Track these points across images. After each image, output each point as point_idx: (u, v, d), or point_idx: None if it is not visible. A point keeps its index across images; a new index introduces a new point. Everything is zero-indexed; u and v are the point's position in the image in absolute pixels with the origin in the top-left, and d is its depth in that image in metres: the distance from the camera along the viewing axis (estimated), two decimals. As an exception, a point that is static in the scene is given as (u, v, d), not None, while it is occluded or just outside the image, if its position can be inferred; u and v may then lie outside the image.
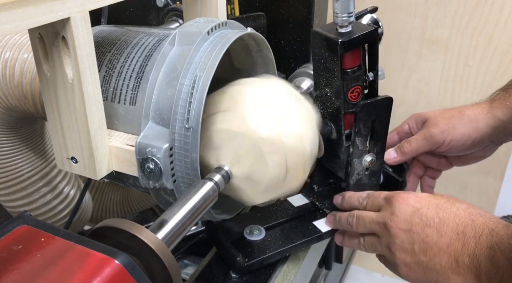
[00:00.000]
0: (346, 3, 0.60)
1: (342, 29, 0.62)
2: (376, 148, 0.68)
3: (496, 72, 1.23)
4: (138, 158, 0.54)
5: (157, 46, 0.57)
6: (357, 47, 0.63)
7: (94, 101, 0.52)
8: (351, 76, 0.65)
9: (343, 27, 0.62)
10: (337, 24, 0.62)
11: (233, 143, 0.56)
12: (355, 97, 0.66)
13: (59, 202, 0.82)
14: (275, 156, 0.55)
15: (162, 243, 0.42)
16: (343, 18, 0.61)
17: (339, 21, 0.61)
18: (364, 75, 0.66)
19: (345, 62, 0.64)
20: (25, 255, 0.39)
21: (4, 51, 0.68)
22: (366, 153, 0.68)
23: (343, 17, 0.61)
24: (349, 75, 0.65)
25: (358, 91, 0.66)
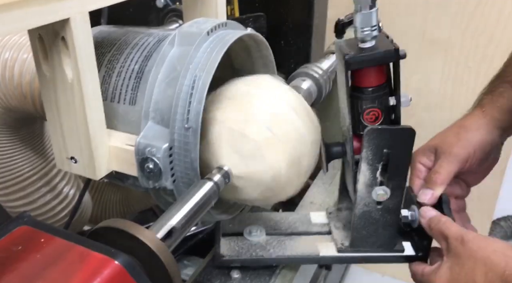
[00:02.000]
0: (368, 16, 0.55)
1: (363, 44, 0.56)
2: (392, 183, 0.60)
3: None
4: (138, 158, 0.54)
5: (157, 47, 0.57)
6: (372, 65, 0.58)
7: (93, 101, 0.52)
8: (366, 96, 0.59)
9: (365, 42, 0.56)
10: (358, 39, 0.56)
11: (233, 143, 0.56)
12: (371, 120, 0.59)
13: (58, 202, 0.82)
14: (275, 157, 0.55)
15: (162, 244, 0.42)
16: (365, 32, 0.55)
17: (360, 35, 0.56)
18: (387, 99, 0.59)
19: (360, 80, 0.59)
20: (25, 256, 0.39)
21: (4, 52, 0.68)
22: (377, 185, 0.61)
23: (364, 31, 0.55)
24: (364, 94, 0.59)
25: (376, 114, 0.59)
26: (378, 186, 0.60)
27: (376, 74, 0.58)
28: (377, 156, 0.59)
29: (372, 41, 0.56)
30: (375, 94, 0.59)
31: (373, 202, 0.62)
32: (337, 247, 0.67)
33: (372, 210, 0.63)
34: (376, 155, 0.59)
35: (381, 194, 0.61)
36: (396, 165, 0.59)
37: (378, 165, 0.59)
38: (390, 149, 0.58)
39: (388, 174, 0.60)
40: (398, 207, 0.63)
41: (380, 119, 0.59)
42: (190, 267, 0.94)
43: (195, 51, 0.55)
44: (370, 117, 0.59)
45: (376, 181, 0.60)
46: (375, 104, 0.59)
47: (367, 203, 0.62)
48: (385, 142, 0.58)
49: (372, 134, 0.58)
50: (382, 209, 0.63)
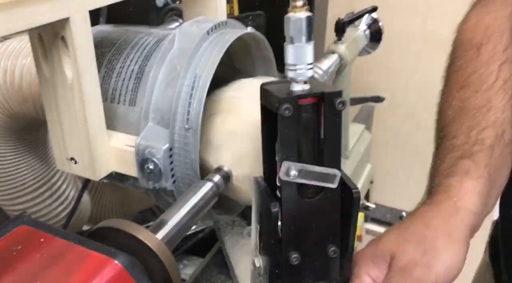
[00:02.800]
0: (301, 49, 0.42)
1: (295, 85, 0.43)
2: (264, 259, 0.48)
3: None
4: (138, 158, 0.54)
5: (157, 46, 0.57)
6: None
7: (93, 102, 0.52)
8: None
9: (297, 82, 0.43)
10: (288, 78, 0.44)
11: (233, 144, 0.56)
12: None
13: (59, 204, 0.83)
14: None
15: (162, 244, 0.42)
16: (298, 71, 0.42)
17: (290, 74, 0.43)
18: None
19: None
20: (24, 256, 0.39)
21: (4, 58, 0.69)
22: (256, 249, 0.49)
23: (296, 69, 0.43)
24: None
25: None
26: (258, 252, 0.50)
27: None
28: (256, 215, 0.49)
29: (305, 84, 0.43)
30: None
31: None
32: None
33: (256, 276, 0.51)
34: (256, 212, 0.49)
35: (253, 262, 0.49)
36: (265, 238, 0.48)
37: (258, 225, 0.49)
38: (263, 216, 0.47)
39: (261, 244, 0.49)
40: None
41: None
42: (190, 267, 0.94)
43: (195, 50, 0.55)
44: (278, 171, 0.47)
45: (257, 245, 0.50)
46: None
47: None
48: (260, 203, 0.48)
49: (254, 185, 0.49)
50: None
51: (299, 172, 0.42)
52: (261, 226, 0.47)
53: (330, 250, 0.46)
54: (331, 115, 0.42)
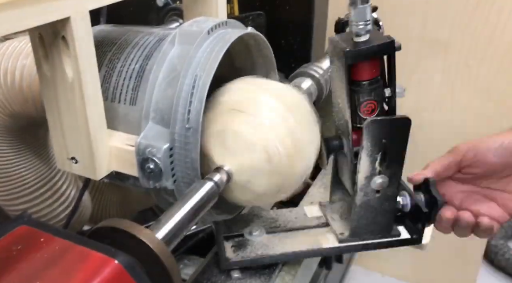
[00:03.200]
0: (363, 11, 0.57)
1: (358, 38, 0.58)
2: (389, 171, 0.63)
3: (496, 72, 1.22)
4: (138, 158, 0.54)
5: (157, 46, 0.57)
6: (369, 59, 0.60)
7: (94, 101, 0.52)
8: (363, 89, 0.60)
9: (360, 36, 0.58)
10: (353, 33, 0.58)
11: (234, 143, 0.55)
12: (367, 112, 0.62)
13: (59, 204, 0.83)
14: (275, 157, 0.55)
15: (162, 243, 0.42)
16: (360, 26, 0.57)
17: (355, 30, 0.58)
18: (382, 90, 0.62)
19: (357, 73, 0.60)
20: (25, 255, 0.39)
21: (4, 59, 0.69)
22: (376, 174, 0.63)
23: (359, 25, 0.57)
24: (361, 87, 0.60)
25: (372, 107, 0.61)
26: (377, 175, 0.62)
27: (371, 67, 0.60)
28: (376, 147, 0.61)
29: (366, 35, 0.58)
30: (372, 86, 0.60)
31: (372, 191, 0.64)
32: (338, 238, 0.68)
33: (371, 198, 0.64)
34: (375, 146, 0.60)
35: (380, 183, 0.63)
36: (394, 154, 0.62)
37: (377, 155, 0.61)
38: (388, 139, 0.60)
39: (387, 163, 0.62)
40: (395, 193, 0.65)
41: (376, 111, 0.62)
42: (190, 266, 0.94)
43: (195, 50, 0.55)
44: (367, 109, 0.61)
45: (375, 171, 0.62)
46: (372, 97, 0.61)
47: (366, 193, 0.64)
48: (384, 132, 0.60)
49: (371, 126, 0.59)
50: (381, 197, 0.64)
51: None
52: (386, 149, 0.61)
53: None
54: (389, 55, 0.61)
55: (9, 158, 0.75)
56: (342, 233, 0.69)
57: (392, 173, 0.63)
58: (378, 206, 0.65)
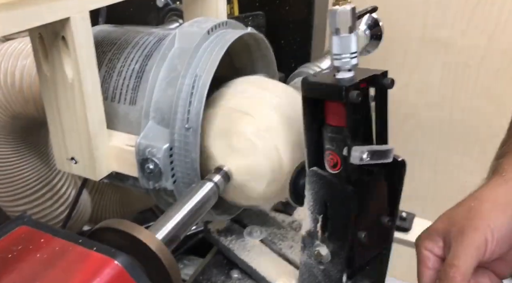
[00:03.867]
0: (346, 40, 0.45)
1: (340, 73, 0.46)
2: (332, 245, 0.51)
3: (496, 71, 1.23)
4: (138, 158, 0.54)
5: (157, 46, 0.57)
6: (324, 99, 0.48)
7: (94, 101, 0.52)
8: (325, 134, 0.49)
9: (342, 71, 0.46)
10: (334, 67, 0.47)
11: (227, 141, 0.56)
12: (329, 164, 0.49)
13: (60, 205, 0.83)
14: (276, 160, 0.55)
15: (162, 244, 0.42)
16: (343, 60, 0.46)
17: (336, 63, 0.46)
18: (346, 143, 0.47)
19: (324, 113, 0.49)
20: (25, 256, 0.39)
21: (4, 60, 0.69)
22: (317, 239, 0.52)
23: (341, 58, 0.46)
24: (326, 131, 0.49)
25: (333, 159, 0.49)
26: (319, 241, 0.52)
27: (334, 112, 0.48)
28: (317, 206, 0.51)
29: (349, 72, 0.46)
30: (333, 135, 0.49)
31: (315, 258, 0.53)
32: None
33: (314, 266, 0.54)
34: (316, 204, 0.51)
35: (318, 252, 0.52)
36: (336, 225, 0.50)
37: (319, 216, 0.51)
38: (330, 204, 0.50)
39: (328, 233, 0.51)
40: (339, 279, 0.52)
41: (338, 168, 0.49)
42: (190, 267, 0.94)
43: (195, 50, 0.55)
44: (329, 161, 0.50)
45: (317, 235, 0.52)
46: (332, 147, 0.49)
47: (309, 255, 0.54)
48: (325, 192, 0.49)
49: (312, 177, 0.50)
50: (324, 272, 0.53)
51: (371, 154, 0.45)
52: (327, 214, 0.50)
53: (387, 221, 0.52)
54: (381, 95, 0.48)
55: (10, 159, 0.75)
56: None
57: (336, 250, 0.51)
58: (321, 281, 0.54)
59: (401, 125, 1.35)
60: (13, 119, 0.72)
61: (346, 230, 0.49)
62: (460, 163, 1.31)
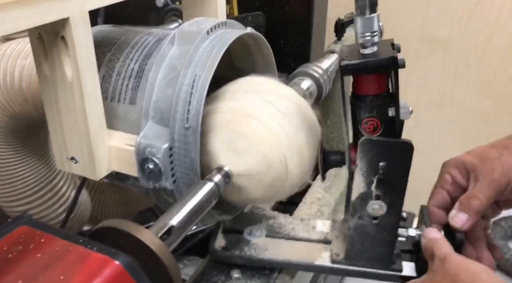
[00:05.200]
0: (369, 20, 0.52)
1: (364, 50, 0.54)
2: (388, 199, 0.58)
3: (496, 70, 1.23)
4: (138, 158, 0.54)
5: (157, 46, 0.57)
6: (368, 73, 0.55)
7: (93, 101, 0.52)
8: (364, 104, 0.56)
9: (366, 47, 0.53)
10: (359, 44, 0.54)
11: (229, 142, 0.55)
12: (369, 130, 0.56)
13: (60, 205, 0.83)
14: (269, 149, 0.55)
15: (162, 244, 0.42)
16: (366, 37, 0.53)
17: (361, 41, 0.53)
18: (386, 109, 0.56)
19: (358, 87, 0.56)
20: (25, 256, 0.39)
21: (4, 60, 0.69)
22: (372, 199, 0.58)
23: (365, 36, 0.53)
24: (362, 102, 0.56)
25: (374, 125, 0.56)
26: (374, 200, 0.58)
27: (374, 82, 0.55)
28: (372, 169, 0.56)
29: (373, 47, 0.53)
30: (373, 103, 0.56)
31: (368, 216, 0.60)
32: (332, 258, 0.65)
33: (367, 224, 0.60)
34: (371, 168, 0.56)
35: (376, 209, 0.58)
36: (393, 180, 0.57)
37: (374, 178, 0.57)
38: (386, 163, 0.56)
39: (385, 189, 0.57)
40: (395, 225, 0.60)
41: (379, 130, 0.56)
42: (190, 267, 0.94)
43: (195, 50, 0.55)
44: (369, 127, 0.56)
45: (372, 195, 0.58)
46: (373, 114, 0.56)
47: (361, 217, 0.60)
48: (381, 154, 0.55)
49: (366, 145, 0.55)
50: (378, 225, 0.60)
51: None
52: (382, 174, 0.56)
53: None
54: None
55: (10, 159, 0.75)
56: (337, 254, 0.65)
57: (392, 202, 0.58)
58: (376, 234, 0.61)
59: (401, 125, 1.35)
60: (12, 119, 0.72)
61: (404, 180, 0.57)
62: (460, 162, 1.31)
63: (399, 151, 0.55)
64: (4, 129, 0.73)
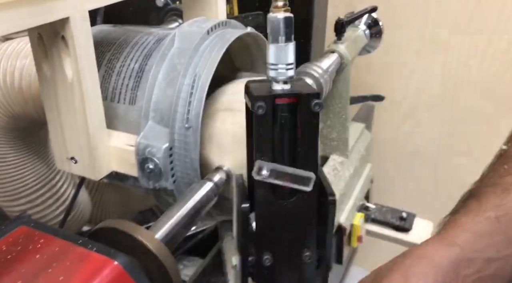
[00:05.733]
0: (283, 49, 0.41)
1: (276, 84, 0.42)
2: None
3: (496, 71, 1.23)
4: (138, 158, 0.54)
5: (157, 46, 0.57)
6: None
7: (93, 101, 0.52)
8: None
9: (277, 82, 0.42)
10: (269, 77, 0.42)
11: (227, 142, 0.55)
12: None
13: (59, 205, 0.83)
14: None
15: (162, 244, 0.42)
16: (278, 70, 0.41)
17: (271, 74, 0.42)
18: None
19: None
20: (24, 257, 0.39)
21: (3, 60, 0.69)
22: None
23: (276, 68, 0.41)
24: None
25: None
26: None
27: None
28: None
29: (286, 84, 0.42)
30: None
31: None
32: None
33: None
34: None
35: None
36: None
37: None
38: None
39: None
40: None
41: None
42: (190, 267, 0.94)
43: (195, 50, 0.55)
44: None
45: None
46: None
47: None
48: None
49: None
50: None
51: (271, 171, 0.41)
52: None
53: (305, 255, 0.45)
54: (307, 116, 0.41)
55: (10, 159, 0.75)
56: None
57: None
58: None
59: (401, 125, 1.35)
60: (12, 119, 0.72)
61: (244, 245, 0.45)
62: (460, 163, 1.31)
63: (240, 210, 0.44)
64: (3, 129, 0.73)
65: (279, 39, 0.42)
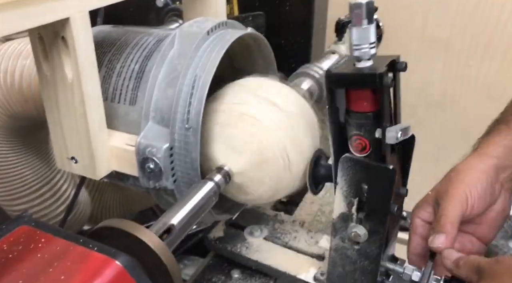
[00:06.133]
0: (365, 31, 0.47)
1: (359, 63, 0.48)
2: (369, 225, 0.53)
3: (497, 71, 1.23)
4: (138, 158, 0.54)
5: (157, 46, 0.57)
6: (353, 88, 0.50)
7: (93, 101, 0.52)
8: (351, 120, 0.51)
9: (360, 61, 0.48)
10: (354, 57, 0.48)
11: (228, 141, 0.56)
12: (357, 149, 0.52)
13: (60, 204, 0.83)
14: (273, 154, 0.55)
15: (163, 244, 0.42)
16: (362, 50, 0.47)
17: (355, 53, 0.48)
18: (374, 129, 0.51)
19: (349, 101, 0.51)
20: (25, 256, 0.39)
21: (4, 60, 0.69)
22: (353, 221, 0.54)
23: (360, 48, 0.47)
24: (350, 118, 0.51)
25: (362, 144, 0.52)
26: (354, 223, 0.54)
27: (361, 99, 0.50)
28: (352, 189, 0.53)
29: (369, 61, 0.48)
30: (361, 120, 0.51)
31: (349, 240, 0.56)
32: (315, 276, 0.63)
33: (349, 248, 0.56)
34: (350, 188, 0.53)
35: (355, 233, 0.54)
36: (374, 205, 0.52)
37: (354, 199, 0.53)
38: (367, 186, 0.52)
39: (365, 213, 0.53)
40: (377, 255, 0.55)
41: (368, 151, 0.52)
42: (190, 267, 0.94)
43: (195, 50, 0.55)
44: (357, 145, 0.52)
45: (351, 217, 0.54)
46: (361, 132, 0.51)
47: (343, 239, 0.56)
48: (361, 176, 0.52)
49: (346, 163, 0.52)
50: (360, 251, 0.56)
51: (403, 132, 0.50)
52: (363, 196, 0.52)
53: (405, 192, 0.58)
54: (396, 78, 0.53)
55: (10, 158, 0.75)
56: (323, 273, 0.63)
57: (373, 229, 0.53)
58: (357, 261, 0.56)
59: (401, 125, 1.35)
60: (12, 118, 0.72)
61: (385, 207, 0.52)
62: (460, 163, 1.31)
63: (380, 176, 0.51)
64: (4, 129, 0.73)
65: (362, 22, 0.47)
